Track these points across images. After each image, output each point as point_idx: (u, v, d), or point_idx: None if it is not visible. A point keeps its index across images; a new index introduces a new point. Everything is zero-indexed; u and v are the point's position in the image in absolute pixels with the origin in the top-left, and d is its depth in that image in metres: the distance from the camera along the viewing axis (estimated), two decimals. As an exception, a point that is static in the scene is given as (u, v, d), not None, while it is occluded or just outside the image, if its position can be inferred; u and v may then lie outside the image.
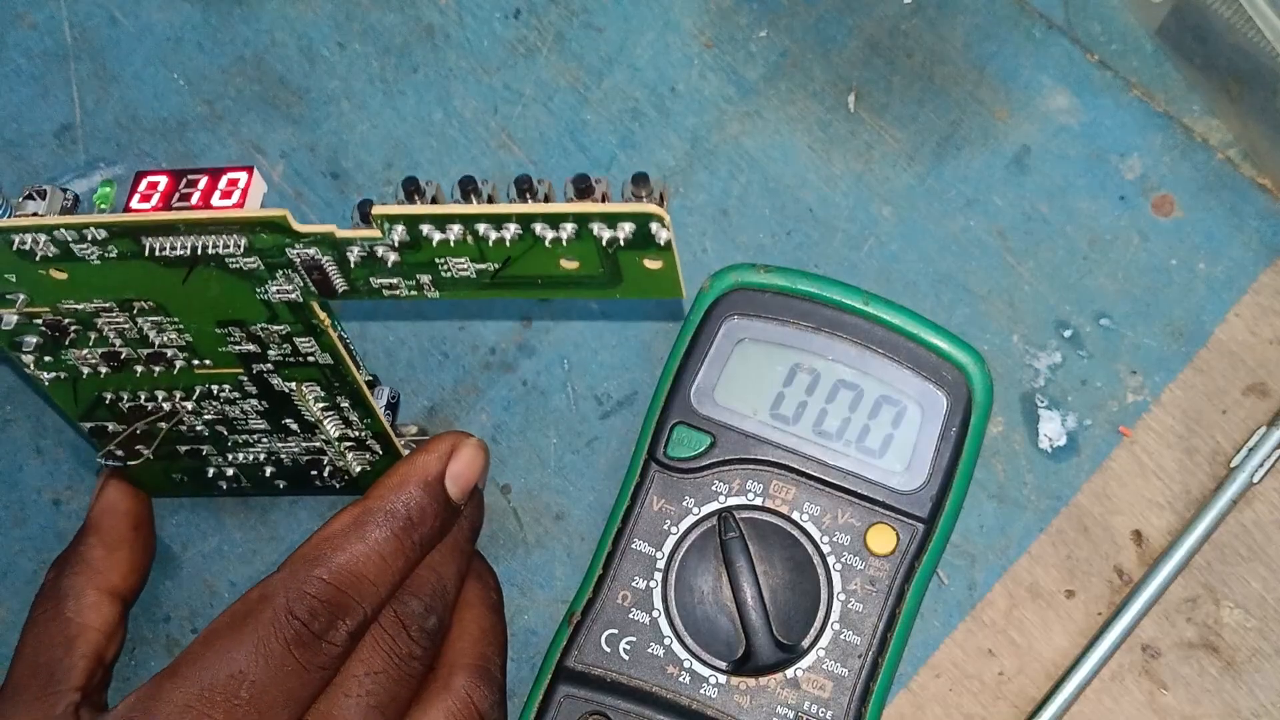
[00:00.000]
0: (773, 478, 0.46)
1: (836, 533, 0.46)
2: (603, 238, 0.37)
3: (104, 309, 0.42)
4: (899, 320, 0.47)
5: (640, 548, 0.46)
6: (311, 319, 0.42)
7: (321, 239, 0.39)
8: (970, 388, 0.47)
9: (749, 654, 0.45)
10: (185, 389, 0.45)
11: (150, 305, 0.42)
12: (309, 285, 0.40)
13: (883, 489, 0.46)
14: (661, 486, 0.47)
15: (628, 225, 0.37)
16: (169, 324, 0.42)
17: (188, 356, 0.43)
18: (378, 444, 0.47)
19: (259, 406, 0.45)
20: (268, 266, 0.40)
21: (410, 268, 0.39)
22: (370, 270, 0.39)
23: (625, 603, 0.46)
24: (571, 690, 0.46)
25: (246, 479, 0.49)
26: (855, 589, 0.46)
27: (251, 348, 0.43)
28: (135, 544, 0.48)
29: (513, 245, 0.38)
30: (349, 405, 0.45)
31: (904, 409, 0.47)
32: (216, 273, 0.40)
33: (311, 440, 0.47)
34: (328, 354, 0.43)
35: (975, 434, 0.47)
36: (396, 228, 0.38)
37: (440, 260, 0.39)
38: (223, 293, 0.41)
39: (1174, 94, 0.52)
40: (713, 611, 0.46)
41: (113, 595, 0.47)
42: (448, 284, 0.40)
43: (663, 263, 0.38)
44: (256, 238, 0.39)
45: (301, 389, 0.44)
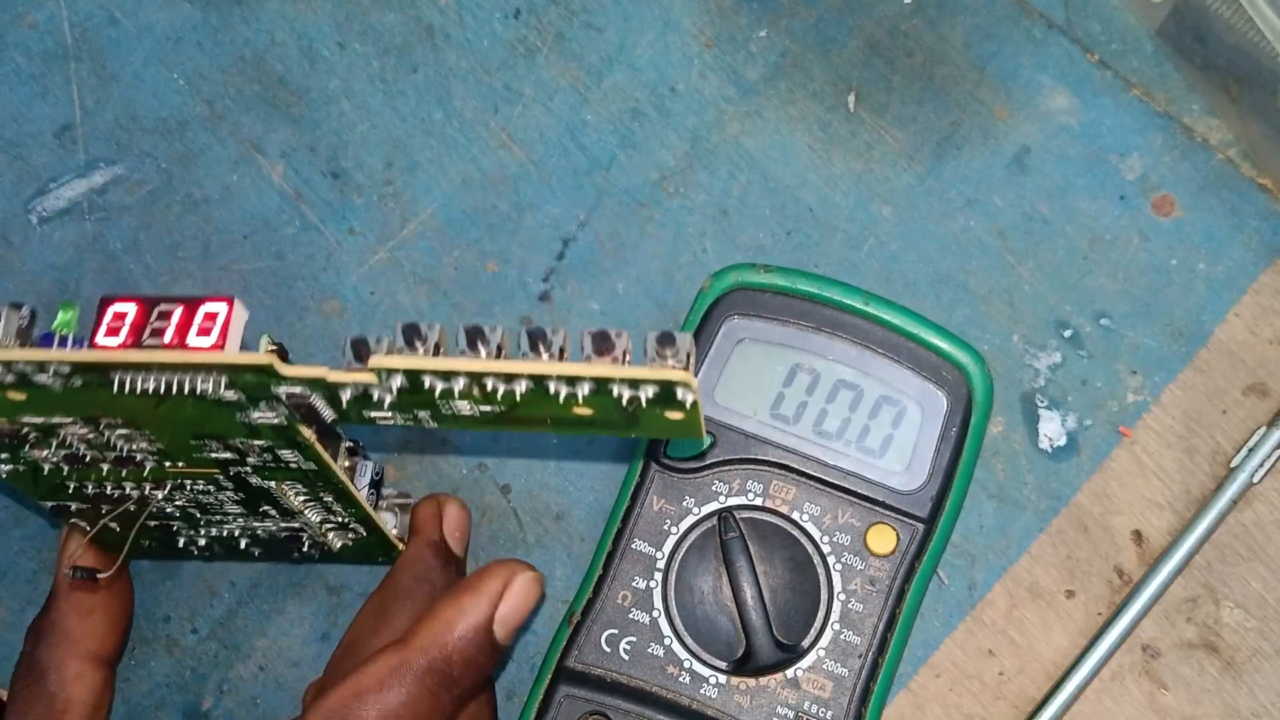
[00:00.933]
0: (773, 478, 0.46)
1: (837, 533, 0.46)
2: (623, 397, 0.35)
3: (65, 423, 0.38)
4: (899, 320, 0.47)
5: (640, 548, 0.46)
6: (296, 438, 0.39)
7: (311, 382, 0.36)
8: (970, 388, 0.47)
9: (749, 654, 0.45)
10: (155, 481, 0.42)
11: (119, 421, 0.38)
12: (295, 415, 0.37)
13: (883, 489, 0.46)
14: (661, 487, 0.47)
15: (651, 388, 0.34)
16: (139, 435, 0.39)
17: (159, 459, 0.40)
18: (361, 526, 0.45)
19: (234, 497, 0.43)
20: (250, 399, 0.37)
21: (408, 405, 0.36)
22: (363, 406, 0.36)
23: (625, 603, 0.46)
24: (571, 690, 0.46)
25: (219, 547, 0.47)
26: (855, 589, 0.46)
27: (229, 455, 0.40)
28: (109, 603, 0.47)
29: (523, 396, 0.35)
30: (332, 499, 0.43)
31: (904, 409, 0.47)
32: (192, 401, 0.36)
33: (291, 522, 0.44)
34: (312, 463, 0.40)
35: (975, 434, 0.47)
36: (396, 376, 0.35)
37: (442, 401, 0.36)
38: (200, 414, 0.37)
39: (1174, 94, 0.52)
40: (713, 611, 0.46)
41: (94, 661, 0.46)
42: (448, 420, 0.37)
43: (684, 415, 0.35)
44: (238, 378, 0.36)
45: (281, 487, 0.42)
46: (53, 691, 0.45)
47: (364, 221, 0.53)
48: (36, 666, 0.45)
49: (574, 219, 0.52)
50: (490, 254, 0.52)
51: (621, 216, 0.52)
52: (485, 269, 0.52)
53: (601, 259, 0.52)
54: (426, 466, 0.51)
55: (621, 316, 0.51)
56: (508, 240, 0.52)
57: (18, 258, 0.53)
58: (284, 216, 0.53)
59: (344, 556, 0.47)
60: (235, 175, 0.53)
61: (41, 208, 0.53)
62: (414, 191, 0.53)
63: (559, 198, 0.52)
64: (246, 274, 0.52)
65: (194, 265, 0.53)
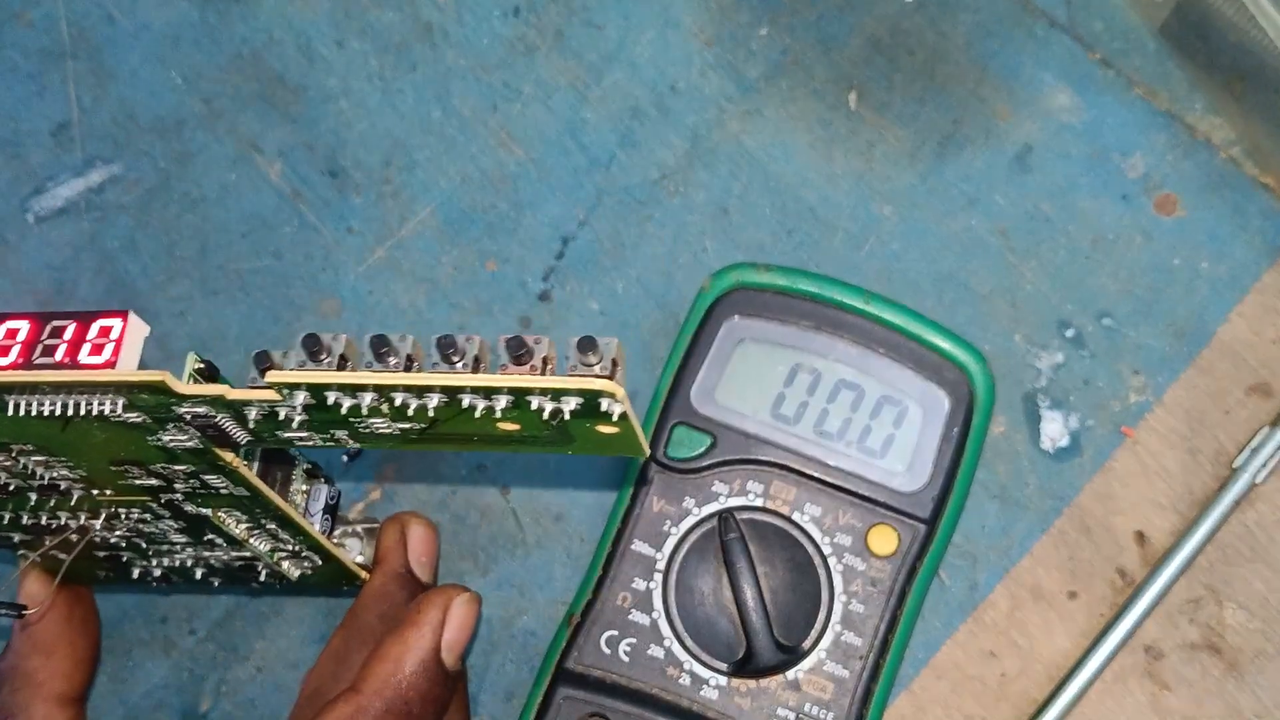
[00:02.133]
0: (773, 478, 0.46)
1: (837, 533, 0.46)
2: (544, 410, 0.32)
3: None
4: (900, 320, 0.47)
5: (640, 549, 0.46)
6: (217, 462, 0.37)
7: (211, 400, 0.34)
8: (972, 387, 0.46)
9: (749, 655, 0.45)
10: (90, 510, 0.40)
11: (31, 448, 0.36)
12: (205, 438, 0.35)
13: (884, 490, 0.46)
14: (661, 487, 0.47)
15: (574, 400, 0.32)
16: (57, 462, 0.37)
17: (85, 487, 0.38)
18: (316, 555, 0.43)
19: (175, 525, 0.41)
20: (156, 420, 0.35)
21: (322, 424, 0.34)
22: (274, 426, 0.34)
23: (625, 604, 0.46)
24: (571, 692, 0.45)
25: (177, 576, 0.45)
26: (856, 590, 0.46)
27: (155, 482, 0.38)
28: (73, 638, 0.45)
29: (437, 411, 0.33)
30: (275, 526, 0.41)
31: (905, 409, 0.46)
32: (98, 424, 0.35)
33: (241, 550, 0.42)
34: (241, 488, 0.38)
35: (977, 434, 0.46)
36: (298, 393, 0.33)
37: (356, 419, 0.34)
38: (109, 439, 0.35)
39: (1177, 92, 0.52)
40: (713, 613, 0.46)
41: (61, 701, 0.44)
42: (367, 439, 0.35)
43: (619, 429, 0.33)
44: (135, 398, 0.34)
45: (219, 515, 0.40)
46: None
47: (362, 220, 0.52)
48: (2, 712, 0.44)
49: (573, 218, 0.52)
50: (489, 253, 0.52)
51: (621, 216, 0.52)
52: (484, 268, 0.52)
53: (601, 258, 0.52)
54: (425, 468, 0.51)
55: (621, 316, 0.51)
56: (507, 239, 0.52)
57: (14, 257, 0.53)
58: (282, 215, 0.53)
59: (307, 586, 0.45)
60: (233, 174, 0.53)
61: (38, 207, 0.53)
62: (413, 190, 0.53)
63: (558, 197, 0.52)
64: (244, 273, 0.52)
65: (191, 264, 0.52)
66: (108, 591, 0.50)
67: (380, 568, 0.45)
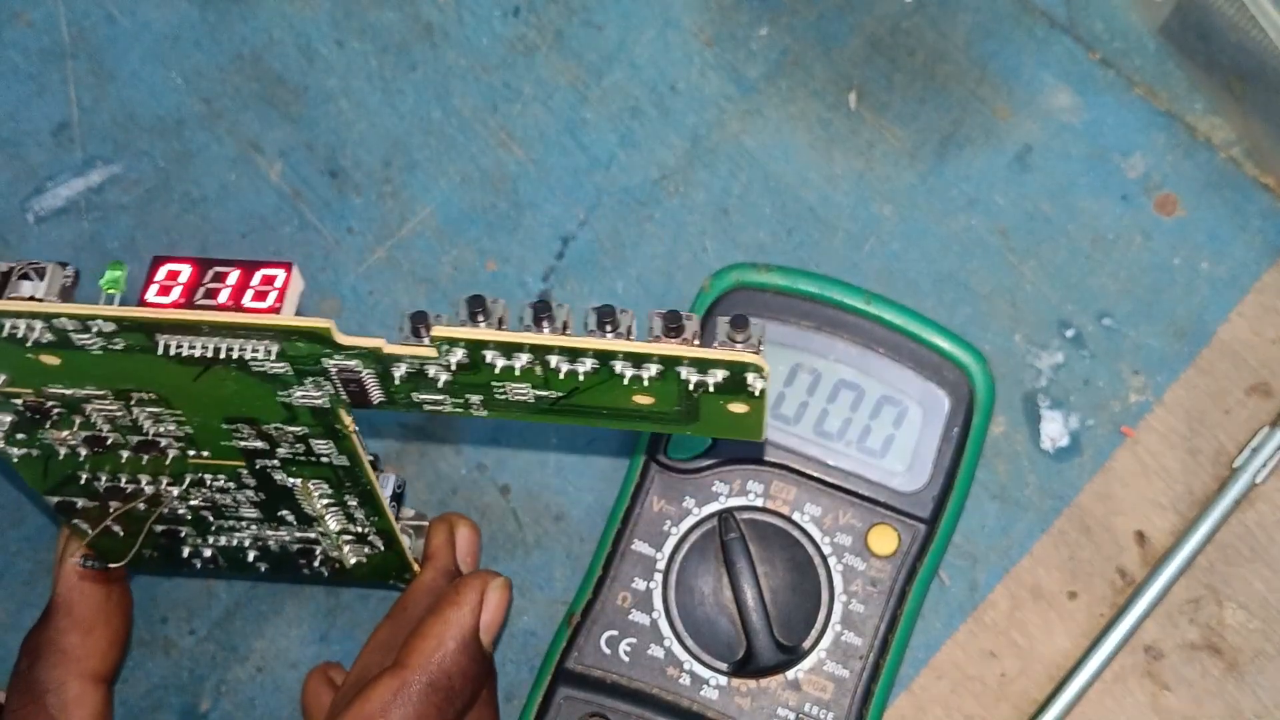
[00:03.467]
0: (773, 478, 0.46)
1: (838, 533, 0.46)
2: (690, 381, 0.34)
3: (96, 395, 0.37)
4: (900, 320, 0.47)
5: (640, 549, 0.46)
6: (335, 424, 0.37)
7: (366, 353, 0.35)
8: (972, 387, 0.46)
9: (750, 655, 0.45)
10: (173, 476, 0.40)
11: (151, 397, 0.37)
12: (340, 395, 0.36)
13: (884, 489, 0.46)
14: (662, 487, 0.47)
15: (721, 372, 0.33)
16: (169, 415, 0.38)
17: (184, 447, 0.39)
18: (380, 540, 0.44)
19: (254, 497, 0.41)
20: (297, 373, 0.35)
21: (461, 387, 0.35)
22: (415, 387, 0.35)
23: (625, 604, 0.46)
24: (571, 692, 0.45)
25: (225, 560, 0.45)
26: (856, 590, 0.46)
27: (259, 444, 0.39)
28: (111, 618, 0.45)
29: (585, 379, 0.34)
30: (356, 504, 0.42)
31: (905, 409, 0.46)
32: (236, 373, 0.35)
33: (306, 532, 0.43)
34: (345, 457, 0.39)
35: (977, 434, 0.46)
36: (456, 350, 0.34)
37: (498, 384, 0.35)
38: (238, 392, 0.36)
39: (1177, 93, 0.52)
40: (713, 613, 0.46)
41: (95, 681, 0.45)
42: (499, 406, 0.36)
43: (749, 408, 0.35)
44: (291, 345, 0.34)
45: (307, 485, 0.41)
46: (53, 715, 0.44)
47: (362, 220, 0.52)
48: (36, 687, 0.44)
49: (573, 218, 0.52)
50: (489, 253, 0.52)
51: (621, 215, 0.52)
52: (484, 268, 0.52)
53: (601, 258, 0.52)
54: (425, 467, 0.51)
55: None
56: (507, 239, 0.52)
57: (15, 256, 0.53)
58: (282, 215, 0.53)
59: (356, 576, 0.46)
60: (233, 174, 0.53)
61: (39, 206, 0.53)
62: (412, 190, 0.53)
63: (558, 196, 0.52)
64: (244, 273, 0.52)
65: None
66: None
67: (430, 564, 0.46)
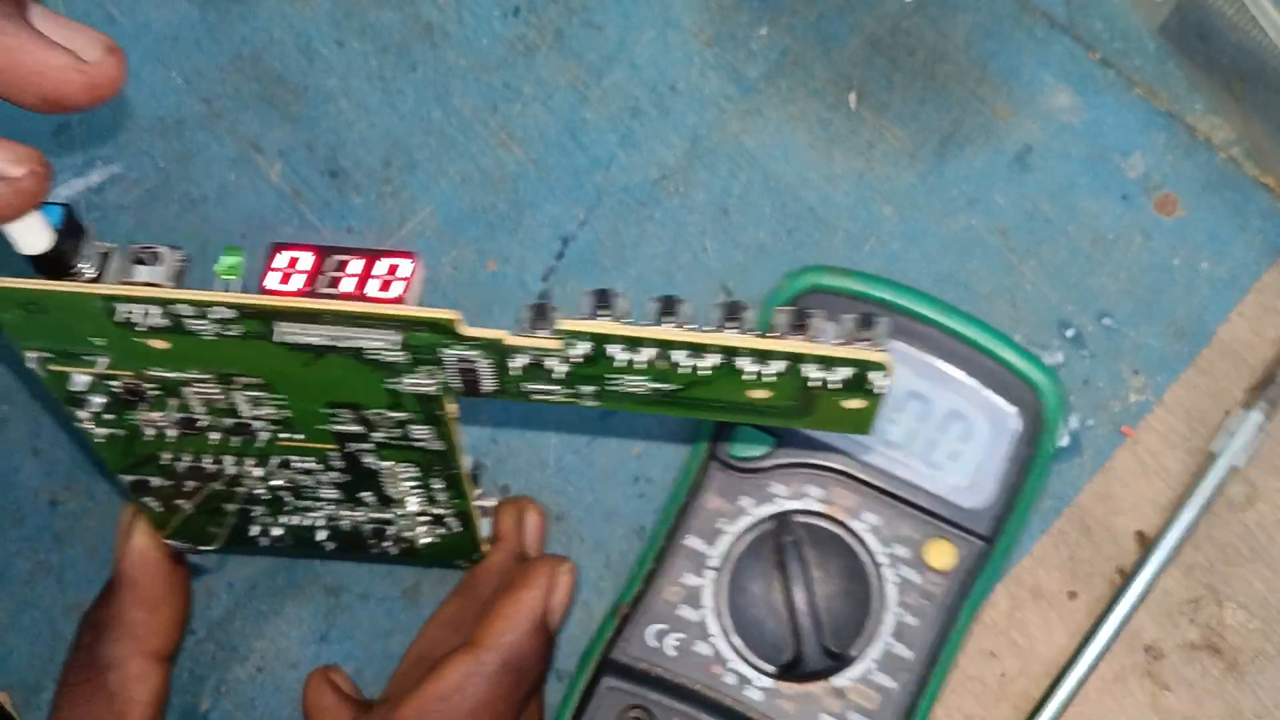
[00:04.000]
0: (834, 484, 0.46)
1: (895, 544, 0.45)
2: (809, 377, 0.34)
3: (198, 379, 0.37)
4: (975, 334, 0.46)
5: (694, 544, 0.46)
6: (437, 411, 0.37)
7: (487, 345, 0.34)
8: (1042, 407, 0.46)
9: (797, 659, 0.44)
10: (259, 457, 0.40)
11: (254, 381, 0.37)
12: (452, 384, 0.36)
13: (945, 504, 0.45)
14: (720, 485, 0.46)
15: (846, 370, 0.33)
16: (269, 399, 0.38)
17: (277, 430, 0.39)
18: (456, 522, 0.44)
19: (338, 479, 0.41)
20: (412, 361, 0.35)
21: (577, 379, 0.35)
22: (529, 378, 0.35)
23: (675, 599, 0.45)
24: (616, 683, 0.45)
25: (292, 539, 0.45)
26: (910, 602, 0.45)
27: (356, 429, 0.39)
28: (174, 596, 0.45)
29: (707, 374, 0.34)
30: (441, 487, 0.42)
31: (973, 424, 0.46)
32: (348, 361, 0.35)
33: (383, 513, 0.43)
34: (440, 442, 0.39)
35: (1044, 455, 0.46)
36: (580, 344, 0.34)
37: (614, 377, 0.35)
38: (346, 378, 0.36)
39: (1177, 92, 0.52)
40: (763, 614, 0.45)
41: (158, 660, 0.45)
42: (613, 398, 0.36)
43: (866, 404, 0.35)
44: (412, 336, 0.34)
45: (395, 469, 0.41)
46: (113, 691, 0.43)
47: (362, 220, 0.52)
48: (97, 662, 0.44)
49: (573, 218, 0.52)
50: (489, 253, 0.52)
51: (621, 215, 0.52)
52: (484, 268, 0.52)
53: (601, 258, 0.52)
54: (425, 467, 0.51)
55: (621, 316, 0.51)
56: (507, 239, 0.52)
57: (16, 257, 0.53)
58: (282, 215, 0.53)
59: (423, 556, 0.46)
60: (233, 174, 0.53)
61: (38, 206, 0.53)
62: (412, 190, 0.53)
63: (558, 197, 0.52)
64: (244, 273, 0.52)
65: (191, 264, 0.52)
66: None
67: (500, 545, 0.46)
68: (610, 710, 0.45)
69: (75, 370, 0.37)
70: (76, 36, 0.32)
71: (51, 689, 0.50)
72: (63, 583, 0.51)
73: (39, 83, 0.32)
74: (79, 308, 0.34)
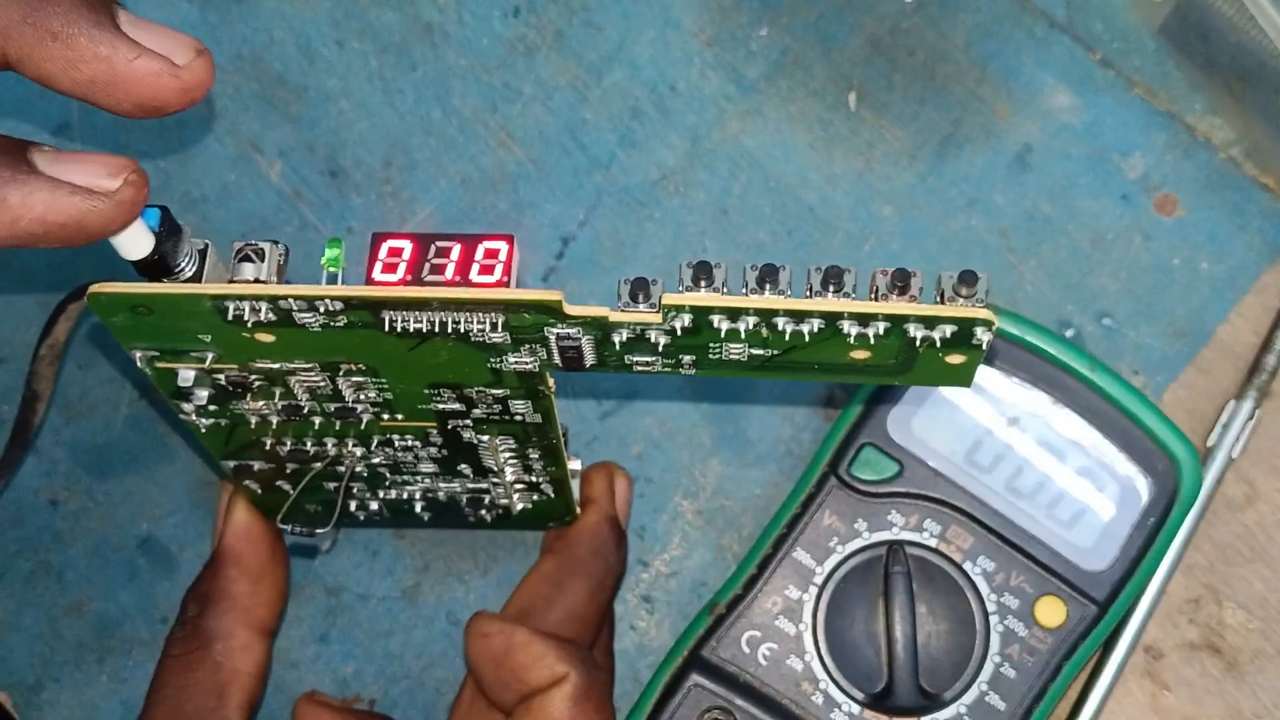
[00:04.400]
0: (953, 522, 0.45)
1: (1006, 594, 0.45)
2: (916, 337, 0.34)
3: (303, 369, 0.37)
4: (1121, 396, 0.45)
5: (801, 558, 0.45)
6: (539, 385, 0.38)
7: (590, 322, 0.35)
8: (1178, 482, 0.45)
9: (888, 691, 0.44)
10: (360, 438, 0.41)
11: (359, 367, 0.37)
12: (552, 359, 0.36)
13: (1064, 561, 0.45)
14: (836, 503, 0.46)
15: (949, 327, 0.34)
16: (372, 384, 0.38)
17: (379, 411, 0.39)
18: (551, 487, 0.44)
19: (436, 455, 0.42)
20: (515, 341, 0.36)
21: (678, 349, 0.35)
22: (630, 350, 0.36)
23: (774, 609, 0.45)
24: (702, 680, 0.45)
25: (389, 511, 0.46)
26: (1012, 654, 0.44)
27: (457, 406, 0.39)
28: (276, 571, 0.46)
29: (809, 338, 0.34)
30: (537, 456, 0.42)
31: (1104, 486, 0.45)
32: (452, 343, 0.36)
33: (480, 482, 0.44)
34: (539, 415, 0.39)
35: (1171, 529, 0.45)
36: (682, 315, 0.34)
37: (715, 345, 0.35)
38: (450, 360, 0.37)
39: (1176, 93, 0.52)
40: (860, 640, 0.45)
41: (262, 632, 0.45)
42: (713, 365, 0.36)
43: (967, 358, 0.35)
44: (517, 317, 0.35)
45: (494, 442, 0.41)
46: (219, 660, 0.44)
47: (362, 220, 0.52)
48: (204, 634, 0.44)
49: (573, 218, 0.52)
50: (489, 253, 0.52)
51: (621, 215, 0.52)
52: (484, 268, 0.52)
53: (601, 258, 0.52)
54: (425, 467, 0.51)
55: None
56: (507, 239, 0.52)
57: (16, 254, 0.53)
58: (282, 215, 0.53)
59: (516, 521, 0.46)
60: (233, 174, 0.53)
61: (38, 206, 0.53)
62: (413, 190, 0.53)
63: (558, 197, 0.52)
64: (244, 273, 0.52)
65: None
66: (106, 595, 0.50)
67: (594, 506, 0.47)
68: (694, 706, 0.44)
69: (182, 366, 0.37)
70: (166, 40, 0.33)
71: (51, 689, 0.50)
72: (63, 583, 0.51)
73: (137, 90, 0.32)
74: (188, 308, 0.35)
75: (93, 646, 0.50)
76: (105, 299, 0.35)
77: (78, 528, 0.51)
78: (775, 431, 0.50)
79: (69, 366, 0.51)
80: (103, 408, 0.52)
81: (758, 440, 0.50)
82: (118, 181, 0.33)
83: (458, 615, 0.50)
